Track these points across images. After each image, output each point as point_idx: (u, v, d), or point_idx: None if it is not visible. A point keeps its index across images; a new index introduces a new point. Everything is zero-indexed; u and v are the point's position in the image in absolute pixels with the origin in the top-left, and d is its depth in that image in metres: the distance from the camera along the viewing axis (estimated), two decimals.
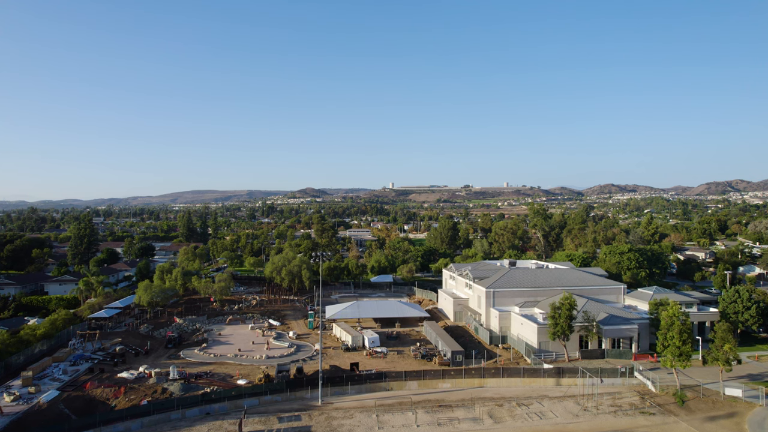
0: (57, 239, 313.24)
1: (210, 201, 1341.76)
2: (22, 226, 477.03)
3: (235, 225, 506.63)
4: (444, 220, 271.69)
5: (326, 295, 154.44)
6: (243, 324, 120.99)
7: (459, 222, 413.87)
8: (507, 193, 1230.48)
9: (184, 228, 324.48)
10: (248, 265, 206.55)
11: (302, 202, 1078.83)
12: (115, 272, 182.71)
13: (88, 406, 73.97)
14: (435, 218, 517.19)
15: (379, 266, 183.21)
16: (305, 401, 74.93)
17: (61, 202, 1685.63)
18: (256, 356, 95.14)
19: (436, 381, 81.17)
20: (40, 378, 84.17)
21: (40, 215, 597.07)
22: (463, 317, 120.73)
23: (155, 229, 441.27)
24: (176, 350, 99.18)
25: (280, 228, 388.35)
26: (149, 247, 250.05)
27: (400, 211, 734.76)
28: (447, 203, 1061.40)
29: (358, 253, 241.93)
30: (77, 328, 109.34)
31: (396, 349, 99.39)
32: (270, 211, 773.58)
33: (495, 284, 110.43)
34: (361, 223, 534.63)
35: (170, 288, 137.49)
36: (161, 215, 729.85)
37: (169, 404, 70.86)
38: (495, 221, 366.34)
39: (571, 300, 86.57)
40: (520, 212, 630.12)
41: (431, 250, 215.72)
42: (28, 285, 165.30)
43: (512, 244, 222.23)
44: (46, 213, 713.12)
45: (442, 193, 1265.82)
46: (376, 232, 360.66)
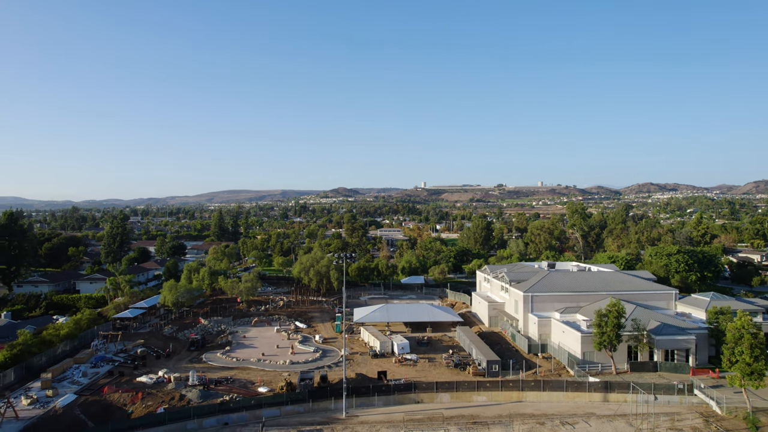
0: (94, 238, 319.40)
1: (244, 201, 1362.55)
2: (64, 224, 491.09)
3: (267, 224, 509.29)
4: (477, 220, 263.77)
5: (355, 297, 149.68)
6: (269, 326, 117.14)
7: (493, 222, 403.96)
8: (541, 192, 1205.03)
9: (216, 227, 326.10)
10: (277, 264, 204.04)
11: (334, 202, 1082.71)
12: (145, 271, 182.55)
13: (104, 411, 70.94)
14: (468, 218, 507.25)
15: (410, 267, 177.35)
16: (328, 413, 69.81)
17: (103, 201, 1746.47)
18: (280, 361, 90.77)
19: (470, 393, 74.85)
20: (60, 380, 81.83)
21: (81, 214, 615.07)
22: (498, 322, 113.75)
23: (189, 228, 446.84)
24: (199, 353, 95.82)
25: (310, 227, 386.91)
26: (181, 246, 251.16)
27: (432, 211, 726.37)
28: (480, 203, 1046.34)
29: (389, 254, 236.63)
30: (101, 329, 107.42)
31: (427, 356, 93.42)
32: (302, 211, 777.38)
33: (533, 288, 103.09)
34: (393, 223, 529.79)
35: (196, 288, 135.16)
36: (196, 214, 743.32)
37: (185, 413, 66.94)
38: (530, 221, 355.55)
39: (618, 306, 78.84)
40: (555, 212, 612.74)
41: (464, 250, 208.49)
42: (61, 283, 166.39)
43: (549, 244, 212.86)
44: (88, 212, 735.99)
45: (475, 193, 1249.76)
46: (408, 231, 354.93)
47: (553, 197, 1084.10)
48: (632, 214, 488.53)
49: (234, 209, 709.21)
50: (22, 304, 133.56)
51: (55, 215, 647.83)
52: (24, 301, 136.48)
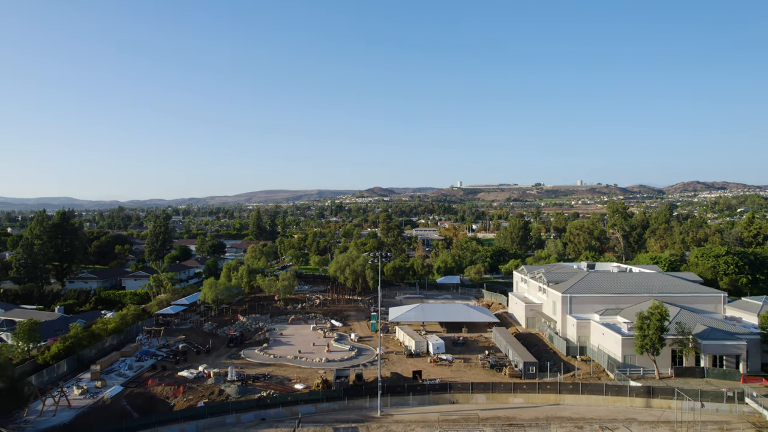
0: (139, 236, 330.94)
1: (282, 200, 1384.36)
2: (111, 224, 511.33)
3: (304, 224, 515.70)
4: (514, 219, 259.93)
5: (390, 296, 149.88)
6: (305, 324, 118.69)
7: (530, 221, 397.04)
8: (581, 192, 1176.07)
9: (254, 226, 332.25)
10: (313, 263, 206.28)
11: (370, 201, 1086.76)
12: (186, 269, 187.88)
13: (148, 403, 73.55)
14: (505, 217, 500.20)
15: (445, 267, 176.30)
16: (363, 411, 70.20)
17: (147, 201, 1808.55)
18: (316, 359, 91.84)
19: (506, 395, 73.86)
20: (108, 372, 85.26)
21: (127, 214, 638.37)
22: (535, 324, 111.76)
23: (228, 227, 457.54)
24: (237, 349, 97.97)
25: (346, 227, 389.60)
26: (220, 244, 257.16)
27: (468, 210, 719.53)
28: (517, 202, 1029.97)
29: (424, 253, 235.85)
30: (145, 324, 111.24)
31: (462, 356, 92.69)
32: (338, 210, 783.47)
33: (572, 289, 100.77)
34: (428, 222, 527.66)
35: (235, 286, 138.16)
36: (235, 214, 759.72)
37: (224, 408, 68.64)
38: (569, 221, 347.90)
39: (661, 309, 76.12)
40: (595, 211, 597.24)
41: (501, 250, 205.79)
42: (108, 279, 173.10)
43: (589, 245, 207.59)
44: (133, 212, 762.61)
45: (512, 192, 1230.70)
46: (443, 231, 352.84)
47: (593, 196, 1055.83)
48: (676, 214, 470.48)
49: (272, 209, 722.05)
50: (74, 299, 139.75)
51: (102, 215, 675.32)
52: (75, 297, 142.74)
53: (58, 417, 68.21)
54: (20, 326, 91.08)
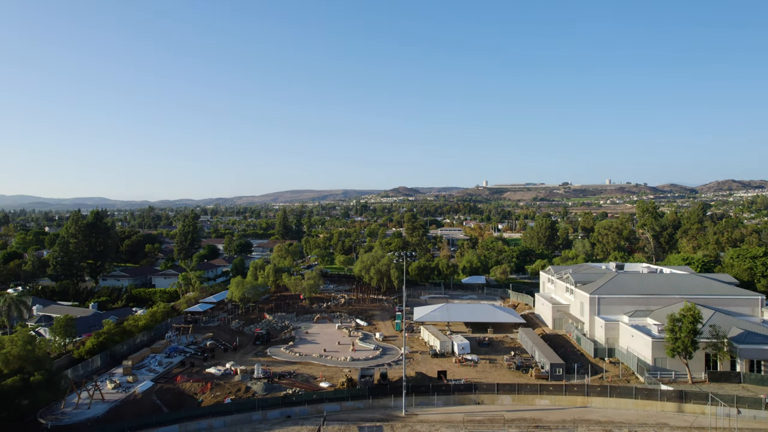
0: (168, 235, 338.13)
1: (307, 200, 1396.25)
2: (141, 223, 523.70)
3: (329, 223, 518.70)
4: (541, 219, 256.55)
5: (415, 296, 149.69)
6: (330, 323, 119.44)
7: (557, 221, 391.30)
8: (609, 191, 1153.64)
9: (281, 226, 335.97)
10: (338, 263, 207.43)
11: (395, 201, 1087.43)
12: (214, 267, 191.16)
13: (177, 399, 75.09)
14: (531, 217, 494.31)
15: (471, 266, 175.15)
16: (388, 410, 70.28)
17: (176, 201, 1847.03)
18: (341, 358, 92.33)
19: (532, 396, 72.99)
20: (139, 368, 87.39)
21: (156, 214, 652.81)
22: (562, 325, 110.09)
23: (255, 226, 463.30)
24: (263, 347, 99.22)
25: (371, 226, 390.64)
26: (247, 243, 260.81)
27: (494, 210, 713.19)
28: (544, 202, 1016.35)
29: (450, 253, 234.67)
30: (174, 321, 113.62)
31: (488, 357, 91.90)
32: (363, 210, 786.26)
33: (600, 290, 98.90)
34: (453, 222, 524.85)
35: (262, 284, 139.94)
36: (261, 214, 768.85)
37: (250, 405, 69.60)
38: (597, 220, 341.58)
39: (694, 311, 74.05)
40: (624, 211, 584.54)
41: (527, 250, 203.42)
42: (139, 277, 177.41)
43: (618, 245, 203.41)
44: (163, 212, 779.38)
45: (539, 191, 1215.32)
46: (469, 231, 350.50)
47: (622, 196, 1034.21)
48: (710, 214, 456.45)
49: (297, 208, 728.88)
50: (106, 296, 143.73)
51: (133, 214, 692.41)
52: (108, 294, 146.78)
53: (92, 410, 70.33)
54: (57, 322, 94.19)
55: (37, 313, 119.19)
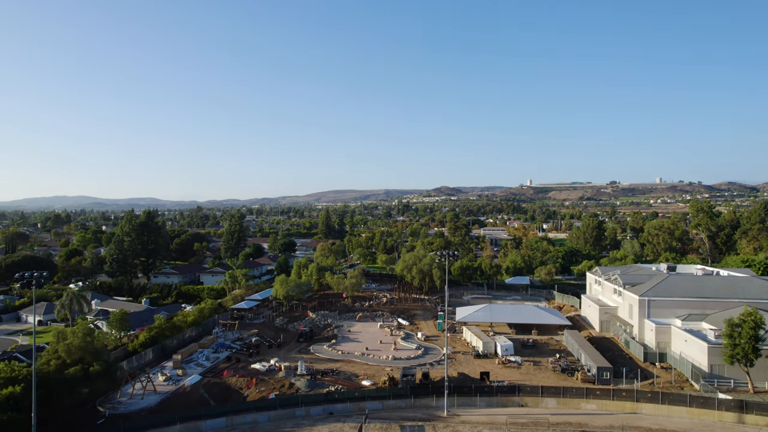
0: (215, 234, 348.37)
1: (350, 200, 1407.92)
2: (190, 222, 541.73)
3: (371, 223, 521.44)
4: (588, 219, 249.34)
5: (457, 296, 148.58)
6: (372, 321, 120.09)
7: (605, 221, 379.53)
8: (660, 190, 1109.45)
9: (323, 225, 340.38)
10: (380, 262, 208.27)
11: (437, 201, 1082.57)
12: (259, 266, 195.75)
13: (224, 393, 77.33)
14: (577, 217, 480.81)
15: (514, 267, 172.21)
16: (430, 410, 70.05)
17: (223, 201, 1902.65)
18: (383, 356, 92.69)
19: (578, 400, 71.07)
20: (187, 362, 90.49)
21: (204, 213, 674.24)
22: (610, 328, 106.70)
23: (298, 226, 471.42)
24: (307, 344, 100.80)
25: (413, 226, 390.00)
26: (291, 243, 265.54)
27: (539, 210, 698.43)
28: (591, 201, 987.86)
29: (493, 253, 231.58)
30: (221, 318, 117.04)
31: (532, 359, 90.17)
32: (405, 210, 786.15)
33: (650, 292, 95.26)
34: (497, 222, 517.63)
35: (305, 283, 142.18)
36: (305, 213, 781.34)
37: (294, 400, 70.91)
38: (647, 220, 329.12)
39: (756, 316, 70.19)
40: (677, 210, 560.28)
41: (573, 251, 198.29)
42: (188, 275, 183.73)
43: (669, 246, 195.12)
44: (210, 211, 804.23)
45: (585, 191, 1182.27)
46: (513, 231, 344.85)
47: (674, 195, 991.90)
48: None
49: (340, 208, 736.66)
50: (158, 293, 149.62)
51: (183, 214, 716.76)
52: (159, 290, 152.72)
53: (145, 400, 73.49)
54: (113, 316, 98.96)
55: (96, 308, 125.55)
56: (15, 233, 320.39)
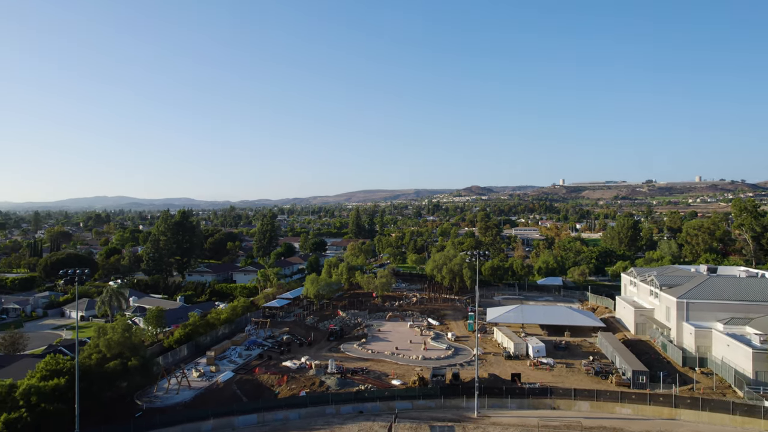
0: (248, 234, 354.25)
1: (379, 200, 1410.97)
2: (223, 222, 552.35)
3: (401, 222, 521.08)
4: (622, 219, 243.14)
5: (488, 296, 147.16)
6: (402, 321, 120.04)
7: (640, 221, 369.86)
8: (699, 189, 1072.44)
9: (354, 225, 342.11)
10: (410, 262, 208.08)
11: (467, 200, 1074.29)
12: (290, 265, 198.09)
13: (256, 389, 78.56)
14: (612, 216, 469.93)
15: (546, 267, 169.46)
16: (460, 411, 69.59)
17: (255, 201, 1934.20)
18: (413, 356, 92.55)
19: (612, 404, 69.44)
20: (221, 359, 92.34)
21: (237, 213, 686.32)
22: (646, 330, 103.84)
23: (329, 225, 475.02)
24: (337, 343, 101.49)
25: (443, 226, 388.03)
26: (322, 242, 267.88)
27: (572, 209, 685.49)
28: (626, 200, 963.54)
29: (524, 253, 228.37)
30: (253, 316, 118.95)
31: (564, 361, 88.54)
32: (435, 209, 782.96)
33: (689, 294, 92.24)
34: (528, 222, 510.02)
35: (335, 282, 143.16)
36: (335, 213, 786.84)
37: (324, 398, 71.52)
38: (685, 220, 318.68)
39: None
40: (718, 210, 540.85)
41: (607, 251, 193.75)
42: (221, 273, 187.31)
43: (710, 246, 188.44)
44: (243, 211, 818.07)
45: (620, 190, 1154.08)
46: (545, 231, 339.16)
47: (715, 194, 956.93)
48: None
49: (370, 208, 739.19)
50: (192, 291, 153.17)
51: (216, 214, 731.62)
52: (193, 288, 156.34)
53: (180, 395, 75.34)
54: (150, 313, 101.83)
55: (133, 305, 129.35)
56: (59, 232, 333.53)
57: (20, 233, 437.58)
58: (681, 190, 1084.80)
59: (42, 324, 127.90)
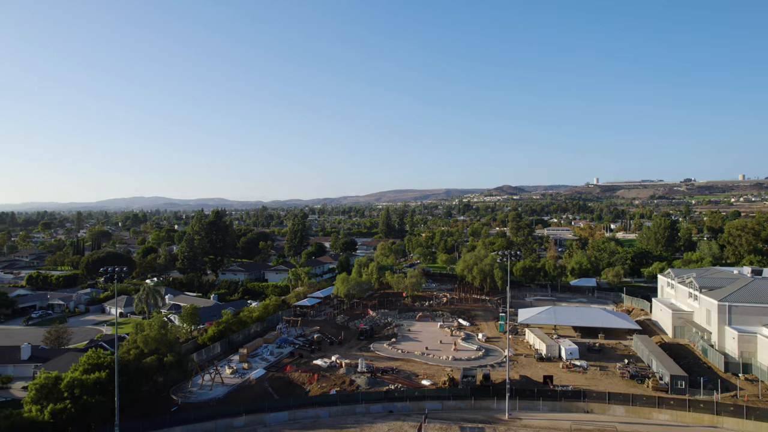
0: (279, 233, 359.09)
1: (410, 200, 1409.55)
2: (255, 222, 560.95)
3: (432, 222, 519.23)
4: (659, 219, 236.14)
5: (520, 297, 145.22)
6: (432, 321, 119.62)
7: (678, 220, 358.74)
8: (743, 187, 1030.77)
9: (384, 225, 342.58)
10: (440, 262, 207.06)
11: (498, 200, 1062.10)
12: (321, 264, 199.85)
13: (287, 387, 79.55)
14: (648, 216, 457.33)
15: (580, 268, 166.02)
16: (490, 413, 68.86)
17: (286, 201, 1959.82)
18: (443, 357, 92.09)
19: (649, 409, 67.48)
20: (253, 356, 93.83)
21: (269, 213, 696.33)
22: (684, 334, 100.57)
23: (359, 225, 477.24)
24: (367, 342, 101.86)
25: (474, 226, 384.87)
26: (352, 242, 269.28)
27: (606, 209, 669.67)
28: (663, 200, 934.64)
29: (557, 254, 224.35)
30: (284, 314, 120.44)
31: (598, 364, 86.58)
32: (466, 209, 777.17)
33: (732, 297, 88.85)
34: (561, 222, 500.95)
35: (366, 281, 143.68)
36: (365, 213, 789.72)
37: (354, 397, 71.84)
38: (727, 220, 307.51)
39: None
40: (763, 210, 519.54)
41: (643, 252, 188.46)
42: (254, 272, 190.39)
43: (754, 248, 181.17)
44: (274, 211, 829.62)
45: (657, 189, 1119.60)
46: (578, 231, 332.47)
47: (760, 193, 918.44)
48: None
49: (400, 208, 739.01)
50: (225, 289, 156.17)
51: (248, 213, 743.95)
52: (226, 287, 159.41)
53: (214, 391, 76.90)
54: (185, 310, 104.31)
55: (169, 302, 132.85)
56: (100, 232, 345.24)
57: (64, 232, 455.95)
58: (722, 189, 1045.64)
59: (84, 319, 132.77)
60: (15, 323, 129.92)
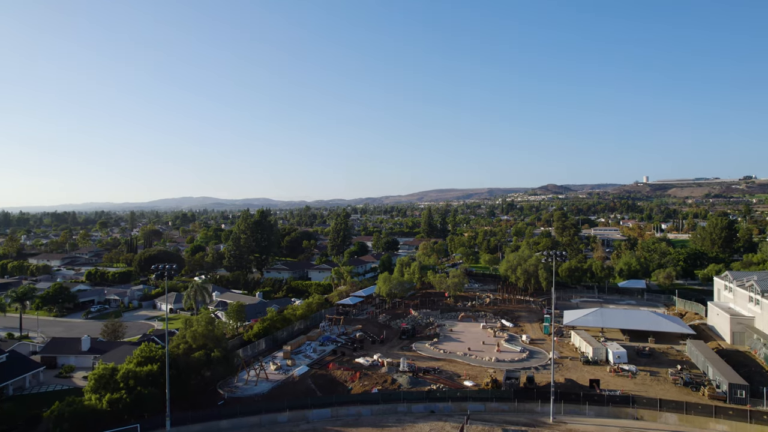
0: (322, 233, 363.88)
1: (452, 199, 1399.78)
2: (299, 221, 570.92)
3: (474, 222, 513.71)
4: (715, 218, 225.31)
5: (565, 298, 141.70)
6: (474, 322, 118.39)
7: (737, 220, 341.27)
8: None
9: (426, 224, 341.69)
10: (483, 262, 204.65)
11: (543, 199, 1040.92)
12: (363, 263, 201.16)
13: (329, 384, 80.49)
14: (702, 216, 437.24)
15: (628, 269, 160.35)
16: (534, 416, 67.52)
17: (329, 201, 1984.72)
18: (486, 358, 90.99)
19: (704, 419, 64.40)
20: (296, 353, 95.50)
21: (312, 212, 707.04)
22: (744, 340, 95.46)
23: (401, 225, 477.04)
24: (409, 342, 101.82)
25: (518, 225, 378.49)
26: (394, 241, 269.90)
27: (656, 208, 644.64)
28: (719, 198, 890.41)
29: (604, 254, 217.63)
30: (327, 312, 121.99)
31: (648, 369, 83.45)
32: (509, 209, 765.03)
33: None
34: (609, 221, 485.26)
35: (408, 281, 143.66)
36: (407, 212, 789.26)
37: (396, 396, 71.95)
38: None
39: None
40: None
41: (697, 253, 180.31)
42: (297, 271, 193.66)
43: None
44: (318, 211, 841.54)
45: (712, 187, 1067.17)
46: (627, 231, 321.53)
47: None
48: None
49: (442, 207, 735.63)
50: (269, 287, 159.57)
51: (292, 213, 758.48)
52: (271, 285, 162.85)
53: (259, 387, 78.78)
54: (231, 307, 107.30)
55: (216, 299, 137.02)
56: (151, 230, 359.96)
57: (119, 231, 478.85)
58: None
59: (137, 314, 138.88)
60: (76, 316, 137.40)
